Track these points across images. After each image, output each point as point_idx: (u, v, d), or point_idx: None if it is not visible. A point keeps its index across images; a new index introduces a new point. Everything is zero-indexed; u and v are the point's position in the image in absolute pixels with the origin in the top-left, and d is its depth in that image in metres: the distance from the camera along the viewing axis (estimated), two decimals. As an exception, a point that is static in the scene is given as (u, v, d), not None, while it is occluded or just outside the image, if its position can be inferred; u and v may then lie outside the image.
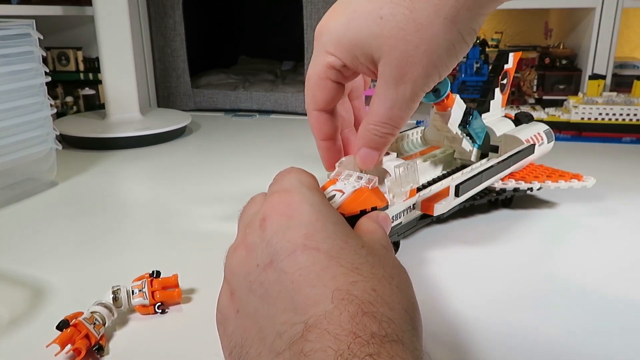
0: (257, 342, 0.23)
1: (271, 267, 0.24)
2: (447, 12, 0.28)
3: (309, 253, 0.24)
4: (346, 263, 0.23)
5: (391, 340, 0.21)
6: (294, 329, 0.21)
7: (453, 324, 0.35)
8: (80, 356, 0.31)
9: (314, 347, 0.20)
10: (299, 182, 0.28)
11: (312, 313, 0.21)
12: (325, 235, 0.25)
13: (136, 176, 0.74)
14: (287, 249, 0.24)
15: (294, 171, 0.30)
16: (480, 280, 0.41)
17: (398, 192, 0.39)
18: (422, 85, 0.30)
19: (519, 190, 0.52)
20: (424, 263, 0.44)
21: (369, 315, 0.21)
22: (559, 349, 0.32)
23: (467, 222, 0.52)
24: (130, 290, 0.36)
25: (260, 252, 0.25)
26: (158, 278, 0.37)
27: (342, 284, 0.22)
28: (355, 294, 0.22)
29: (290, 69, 1.38)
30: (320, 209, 0.26)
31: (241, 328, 0.24)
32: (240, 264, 0.25)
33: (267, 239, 0.25)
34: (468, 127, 0.47)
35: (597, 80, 0.88)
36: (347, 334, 0.20)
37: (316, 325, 0.21)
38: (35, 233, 0.52)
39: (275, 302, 0.23)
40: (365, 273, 0.23)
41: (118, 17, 0.87)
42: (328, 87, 0.33)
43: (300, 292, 0.22)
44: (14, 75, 0.58)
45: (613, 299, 0.38)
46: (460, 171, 0.50)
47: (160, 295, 0.36)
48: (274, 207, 0.26)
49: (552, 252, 0.46)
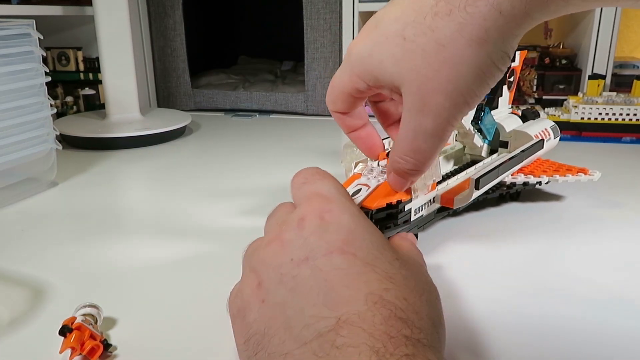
0: (281, 331, 0.23)
1: (306, 263, 0.24)
2: (472, 31, 0.24)
3: (345, 257, 0.24)
4: (380, 271, 0.24)
5: (423, 345, 0.21)
6: (324, 322, 0.22)
7: (469, 318, 0.35)
8: (98, 354, 0.31)
9: (346, 342, 0.20)
10: (337, 191, 0.28)
11: (345, 311, 0.22)
12: (362, 244, 0.25)
13: (136, 176, 0.74)
14: (325, 249, 0.24)
15: (329, 177, 0.30)
16: (494, 273, 0.42)
17: (421, 186, 0.41)
18: (447, 117, 0.27)
19: (528, 184, 0.54)
20: (439, 254, 0.45)
21: (401, 320, 0.22)
22: (572, 339, 0.33)
23: (479, 215, 0.54)
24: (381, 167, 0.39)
25: (297, 248, 0.25)
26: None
27: (375, 289, 0.23)
28: (388, 299, 0.22)
29: (290, 69, 1.38)
30: (359, 221, 0.26)
31: (266, 317, 0.24)
32: (273, 257, 0.26)
33: (305, 236, 0.25)
34: (480, 123, 0.49)
35: (597, 80, 0.88)
36: (382, 334, 0.21)
37: (349, 322, 0.21)
38: (35, 233, 0.52)
39: (307, 296, 0.23)
40: (398, 282, 0.24)
41: (118, 17, 0.87)
42: (350, 100, 0.33)
43: (334, 290, 0.23)
44: (14, 75, 0.58)
45: (625, 288, 0.38)
46: (472, 166, 0.52)
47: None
48: (314, 210, 0.26)
49: (563, 243, 0.47)
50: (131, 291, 0.40)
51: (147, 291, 0.40)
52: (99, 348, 0.31)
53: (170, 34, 1.13)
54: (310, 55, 1.07)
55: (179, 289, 0.40)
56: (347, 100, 0.33)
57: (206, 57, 1.38)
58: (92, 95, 1.05)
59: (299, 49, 1.09)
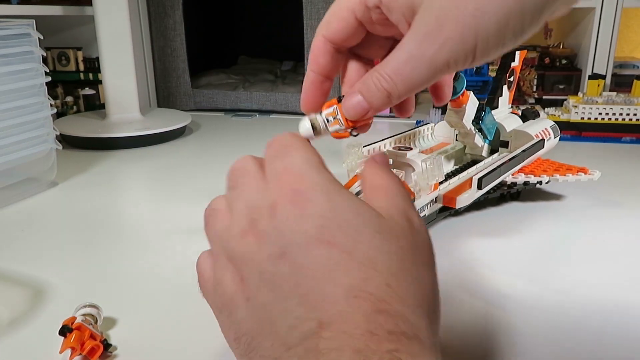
0: (270, 334, 0.22)
1: (284, 260, 0.23)
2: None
3: (323, 247, 0.23)
4: (360, 257, 0.23)
5: (408, 337, 0.20)
6: (308, 325, 0.21)
7: (470, 316, 0.35)
8: (98, 353, 0.31)
9: (329, 345, 0.20)
10: (309, 165, 0.26)
11: (326, 311, 0.21)
12: (339, 227, 0.24)
13: (136, 176, 0.74)
14: (301, 241, 0.23)
15: (300, 148, 0.27)
16: (495, 272, 0.42)
17: (424, 186, 0.41)
18: (448, 52, 0.25)
19: (529, 184, 0.54)
20: (440, 254, 0.44)
21: (383, 313, 0.21)
22: (572, 339, 0.33)
23: (481, 214, 0.54)
24: (324, 119, 0.30)
25: (272, 242, 0.24)
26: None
27: (355, 281, 0.22)
28: (369, 291, 0.22)
29: (290, 69, 1.38)
30: (334, 197, 0.25)
31: (253, 318, 0.24)
32: (250, 252, 0.25)
33: (279, 228, 0.24)
34: (481, 122, 0.49)
35: (597, 80, 0.88)
36: (363, 333, 0.20)
37: (331, 323, 0.21)
38: (35, 233, 0.52)
39: (288, 296, 0.23)
40: (380, 266, 0.23)
41: (118, 17, 0.87)
42: (349, 21, 0.28)
43: (314, 289, 0.22)
44: (14, 75, 0.58)
45: (625, 287, 0.38)
46: (473, 166, 0.52)
47: None
48: (285, 193, 0.25)
49: (563, 243, 0.48)
50: (131, 291, 0.40)
51: (147, 291, 0.40)
52: (99, 348, 0.31)
53: (170, 34, 1.13)
54: (310, 55, 1.07)
55: (179, 288, 0.40)
56: (344, 20, 0.28)
57: (206, 57, 1.38)
58: (92, 95, 1.05)
59: (299, 49, 1.09)
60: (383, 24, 0.28)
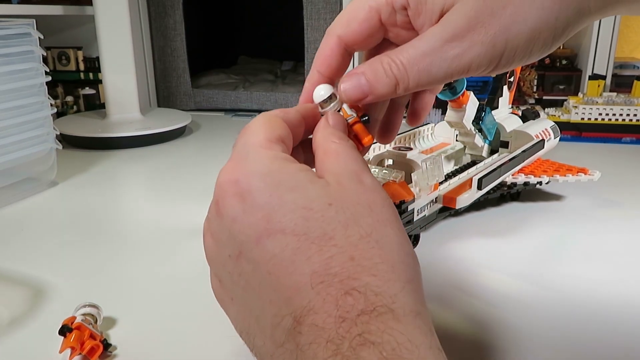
0: (259, 332, 0.22)
1: (242, 259, 0.23)
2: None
3: (275, 238, 0.22)
4: (317, 236, 0.21)
5: (379, 313, 0.20)
6: (286, 321, 0.21)
7: (470, 315, 0.35)
8: (98, 353, 0.31)
9: (307, 340, 0.20)
10: (245, 147, 0.24)
11: (298, 304, 0.21)
12: (285, 211, 0.22)
13: (136, 176, 0.74)
14: (251, 237, 0.22)
15: (248, 129, 0.25)
16: (496, 272, 0.42)
17: (424, 186, 0.41)
18: (474, 55, 0.24)
19: (529, 184, 0.54)
20: (440, 254, 0.45)
21: (353, 292, 0.20)
22: (572, 338, 0.33)
23: (480, 214, 0.54)
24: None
25: (226, 243, 0.23)
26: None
27: (317, 265, 0.21)
28: (334, 272, 0.21)
29: (290, 69, 1.38)
30: (271, 179, 0.23)
31: (241, 316, 0.24)
32: (213, 253, 0.24)
33: (228, 227, 0.23)
34: (481, 123, 0.49)
35: (597, 81, 0.88)
36: (335, 320, 0.20)
37: (304, 316, 0.20)
38: (35, 233, 0.52)
39: (261, 294, 0.22)
40: (339, 240, 0.21)
41: (118, 17, 0.87)
42: (372, 22, 0.27)
43: (280, 283, 0.21)
44: (14, 75, 0.58)
45: (625, 286, 0.38)
46: (473, 166, 0.52)
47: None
48: (224, 188, 0.23)
49: (563, 243, 0.48)
50: (131, 291, 0.40)
51: (147, 291, 0.40)
52: (98, 348, 0.31)
53: (170, 34, 1.13)
54: (311, 55, 1.07)
55: (179, 288, 0.40)
56: (366, 19, 0.27)
57: (206, 57, 1.38)
58: (92, 95, 1.05)
59: (299, 49, 1.09)
60: (404, 27, 0.27)
